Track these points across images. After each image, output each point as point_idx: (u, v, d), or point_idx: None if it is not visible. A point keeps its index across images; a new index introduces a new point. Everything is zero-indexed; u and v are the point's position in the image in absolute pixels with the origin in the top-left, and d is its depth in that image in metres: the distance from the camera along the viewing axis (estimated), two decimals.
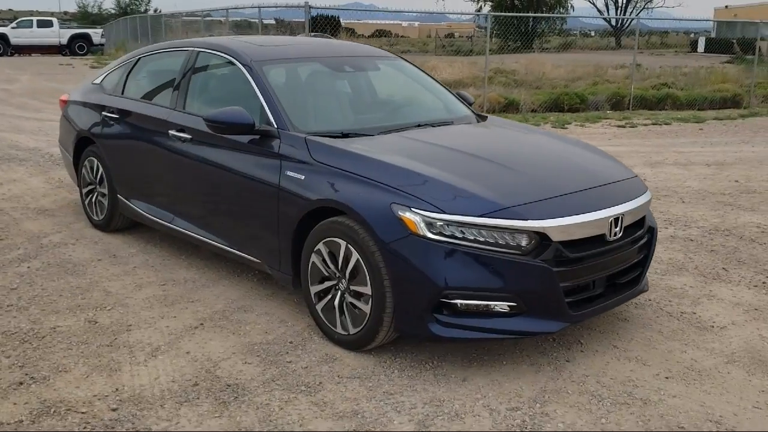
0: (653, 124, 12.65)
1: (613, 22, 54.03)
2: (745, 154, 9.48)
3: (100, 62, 28.30)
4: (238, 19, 25.32)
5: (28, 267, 4.77)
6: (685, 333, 3.88)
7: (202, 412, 3.04)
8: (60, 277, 4.59)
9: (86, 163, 5.54)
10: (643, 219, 3.77)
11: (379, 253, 3.32)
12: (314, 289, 3.72)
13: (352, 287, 3.51)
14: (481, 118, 4.78)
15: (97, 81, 5.66)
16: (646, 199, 3.77)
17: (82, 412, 3.02)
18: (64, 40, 34.91)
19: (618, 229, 3.49)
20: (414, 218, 3.22)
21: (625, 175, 3.88)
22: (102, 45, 36.16)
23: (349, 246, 3.45)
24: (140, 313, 4.05)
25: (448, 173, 3.44)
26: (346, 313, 3.56)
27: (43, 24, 34.79)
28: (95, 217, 5.56)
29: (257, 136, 4.01)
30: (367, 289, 3.41)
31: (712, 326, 3.97)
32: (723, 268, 4.90)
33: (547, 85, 17.64)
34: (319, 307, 3.72)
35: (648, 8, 57.76)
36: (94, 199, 5.54)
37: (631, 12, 57.15)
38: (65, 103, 5.97)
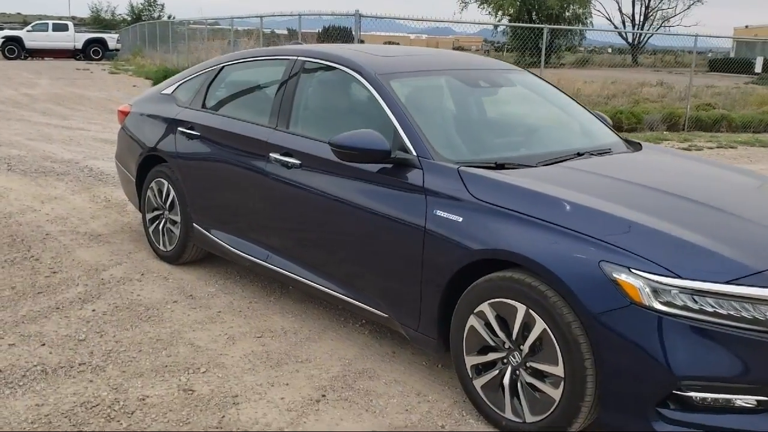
0: (718, 147, 11.93)
1: (630, 39, 53.41)
2: None
3: (117, 68, 27.71)
4: (242, 28, 24.73)
5: (93, 310, 4.02)
6: None
7: None
8: (134, 325, 3.85)
9: (153, 185, 4.81)
10: None
11: (579, 324, 2.59)
12: (471, 360, 2.98)
13: (531, 363, 2.77)
14: (629, 143, 4.05)
15: (167, 91, 4.93)
16: None
17: None
18: (79, 45, 34.30)
19: None
20: (636, 283, 2.48)
21: None
22: (117, 50, 35.59)
23: (531, 312, 2.72)
24: (243, 378, 3.31)
25: (665, 221, 2.71)
26: (520, 395, 2.81)
27: (58, 28, 34.20)
28: (162, 248, 4.82)
29: (390, 165, 3.29)
30: (556, 369, 2.67)
31: None
32: None
33: (585, 101, 16.91)
34: (477, 383, 2.97)
35: (665, 26, 57.25)
36: (161, 227, 4.81)
37: (648, 29, 56.69)
38: (125, 115, 5.24)
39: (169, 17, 54.14)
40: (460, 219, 2.97)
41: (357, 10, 10.78)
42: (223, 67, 4.57)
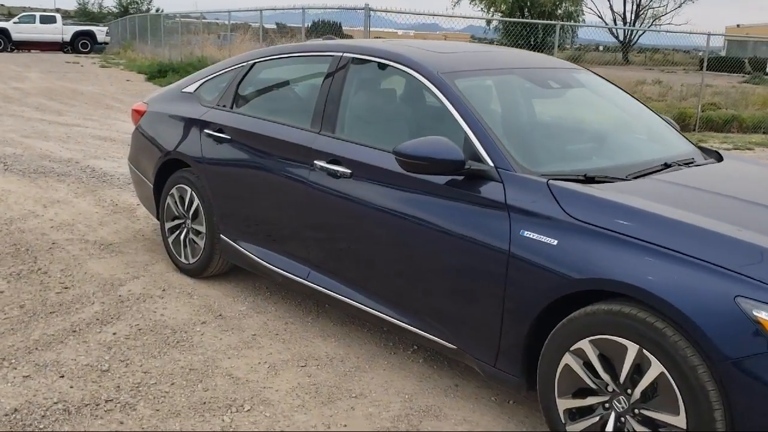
0: (734, 148, 11.63)
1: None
2: None
3: (108, 61, 27.09)
4: (238, 22, 24.05)
5: (114, 334, 3.61)
6: None
7: None
8: (161, 352, 3.44)
9: (174, 191, 4.38)
10: None
11: (706, 368, 2.22)
12: (565, 403, 2.60)
13: (642, 411, 2.39)
14: (705, 150, 3.69)
15: (189, 89, 4.51)
16: None
17: None
18: (67, 37, 33.61)
19: None
20: None
21: None
22: (106, 43, 34.91)
23: (645, 352, 2.34)
24: (294, 418, 2.91)
25: None
26: None
27: (46, 20, 33.45)
28: (184, 261, 4.40)
29: (460, 177, 2.90)
30: (677, 420, 2.30)
31: None
32: None
33: None
34: (571, 429, 2.59)
35: (656, 25, 57.16)
36: (183, 238, 4.39)
37: (639, 27, 56.57)
38: (140, 115, 4.81)
39: (157, 10, 53.39)
40: (555, 242, 2.58)
41: (367, 3, 10.36)
42: (254, 63, 4.14)
